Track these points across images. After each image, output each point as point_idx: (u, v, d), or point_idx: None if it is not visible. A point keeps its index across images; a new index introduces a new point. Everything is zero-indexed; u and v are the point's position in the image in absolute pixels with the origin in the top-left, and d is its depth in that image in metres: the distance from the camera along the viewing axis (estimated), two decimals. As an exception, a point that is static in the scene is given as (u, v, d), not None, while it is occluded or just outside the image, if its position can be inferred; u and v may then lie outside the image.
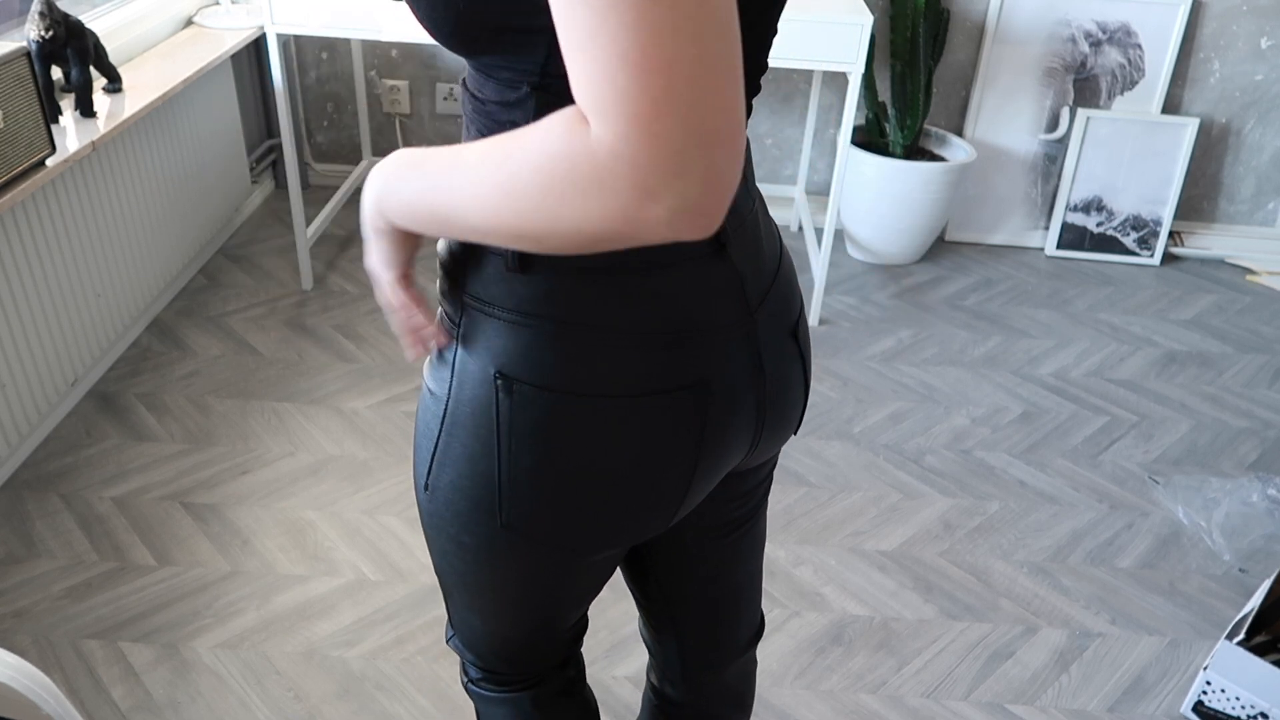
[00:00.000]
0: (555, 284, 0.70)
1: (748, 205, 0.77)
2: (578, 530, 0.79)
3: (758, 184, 3.26)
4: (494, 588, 0.86)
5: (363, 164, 3.18)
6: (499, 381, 0.73)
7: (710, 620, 1.06)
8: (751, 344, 0.78)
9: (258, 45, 3.09)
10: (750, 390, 0.79)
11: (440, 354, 0.77)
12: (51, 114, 1.99)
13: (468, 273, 0.73)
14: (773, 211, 3.31)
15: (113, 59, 2.31)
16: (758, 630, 1.13)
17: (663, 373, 0.74)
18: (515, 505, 0.77)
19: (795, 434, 0.94)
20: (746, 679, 1.16)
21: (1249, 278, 3.16)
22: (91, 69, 2.06)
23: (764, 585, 1.86)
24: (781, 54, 2.34)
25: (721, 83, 0.45)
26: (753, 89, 0.72)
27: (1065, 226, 3.18)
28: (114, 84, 2.18)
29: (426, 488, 0.81)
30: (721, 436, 0.79)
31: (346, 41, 3.12)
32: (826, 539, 1.98)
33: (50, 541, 1.86)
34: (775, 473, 2.15)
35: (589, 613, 1.03)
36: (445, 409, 0.77)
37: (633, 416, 0.74)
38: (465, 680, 1.04)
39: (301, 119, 3.27)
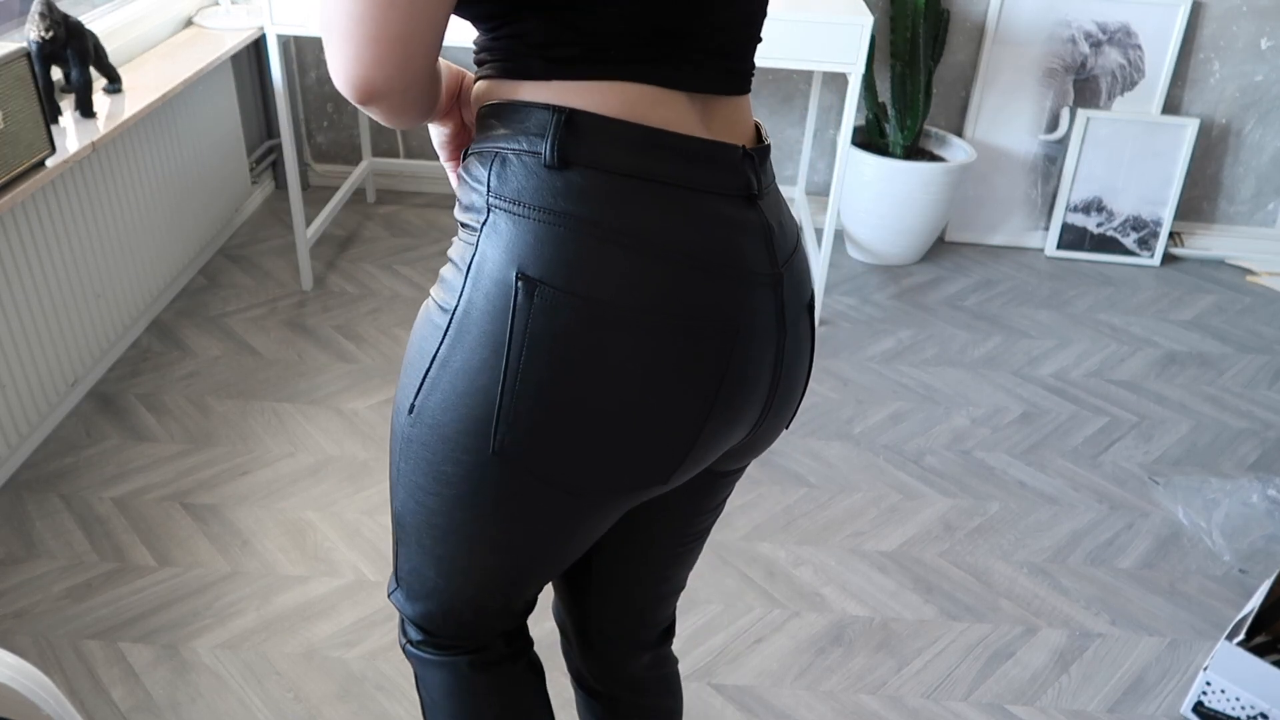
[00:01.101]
0: (593, 183, 0.70)
1: (771, 175, 0.80)
2: (575, 462, 0.75)
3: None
4: (464, 532, 0.81)
5: (362, 164, 3.19)
6: (520, 284, 0.70)
7: (635, 615, 1.06)
8: (778, 298, 0.78)
9: (258, 45, 3.09)
10: (771, 346, 0.78)
11: (454, 263, 0.75)
12: (51, 114, 1.99)
13: (494, 173, 0.72)
14: (773, 212, 3.32)
15: (113, 59, 2.31)
16: (669, 628, 1.13)
17: (694, 299, 0.72)
18: (514, 426, 0.73)
19: (788, 427, 0.92)
20: (664, 662, 1.15)
21: (1249, 278, 3.16)
22: (91, 69, 2.06)
23: (764, 585, 1.86)
24: (781, 54, 2.34)
25: (341, 13, 0.65)
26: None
27: (1065, 227, 3.18)
28: (114, 84, 2.18)
29: (411, 410, 0.77)
30: (740, 386, 0.77)
31: (346, 42, 3.12)
32: (826, 539, 1.98)
33: (50, 542, 1.86)
34: (775, 473, 2.15)
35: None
36: (451, 318, 0.73)
37: (657, 338, 0.72)
38: (404, 641, 0.99)
39: (301, 119, 3.27)
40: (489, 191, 0.72)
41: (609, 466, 0.76)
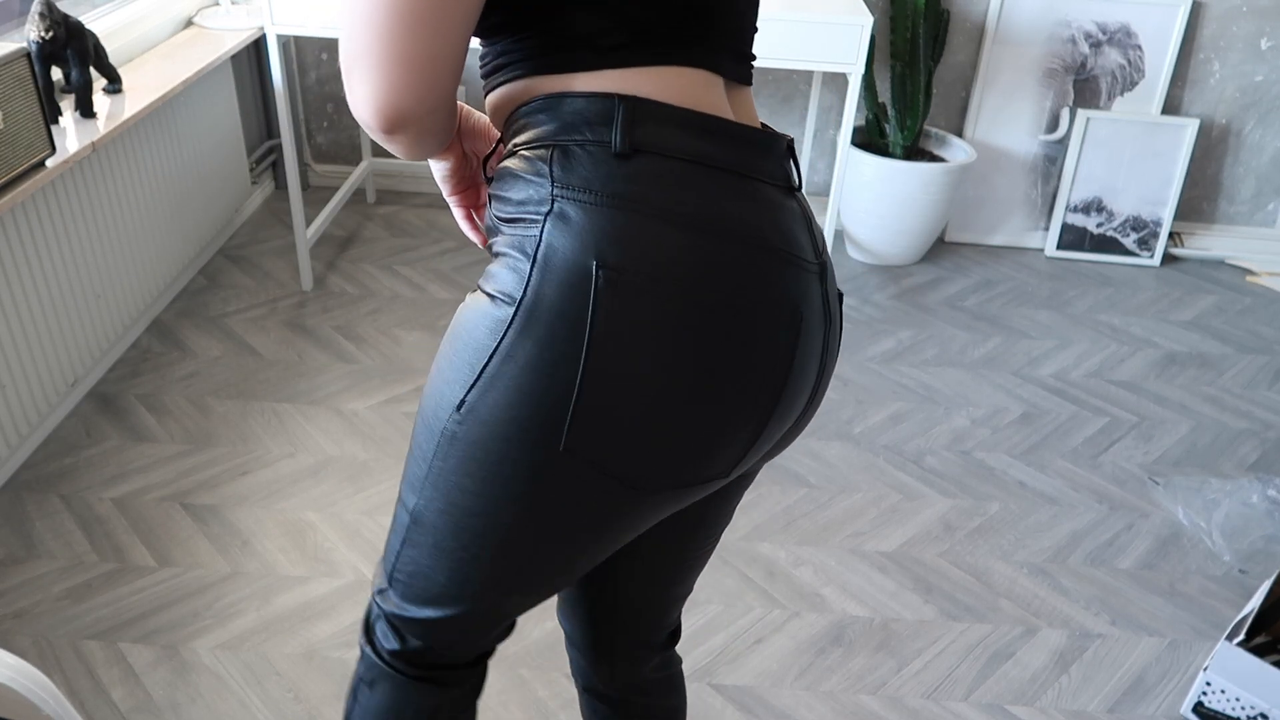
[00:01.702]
0: (662, 168, 0.70)
1: (796, 179, 0.81)
2: (650, 455, 0.73)
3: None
4: (503, 534, 0.78)
5: (362, 164, 3.18)
6: (600, 272, 0.68)
7: (646, 620, 1.06)
8: (824, 287, 0.79)
9: (258, 46, 3.09)
10: (820, 334, 0.79)
11: (512, 255, 0.72)
12: (51, 115, 1.99)
13: (556, 164, 0.71)
14: (773, 212, 3.32)
15: (113, 60, 2.31)
16: (676, 630, 1.12)
17: (767, 284, 0.72)
18: (591, 421, 0.70)
19: (809, 420, 0.91)
20: (670, 662, 1.14)
21: (1249, 279, 3.16)
22: (91, 70, 2.06)
23: (764, 585, 1.86)
24: (781, 54, 2.34)
25: (371, 39, 0.65)
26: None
27: (1065, 227, 3.18)
28: (114, 85, 2.18)
29: (461, 406, 0.73)
30: (801, 375, 0.77)
31: (346, 42, 3.12)
32: (826, 540, 1.98)
33: (50, 542, 1.86)
34: (775, 473, 2.15)
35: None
36: (516, 312, 0.70)
37: (742, 323, 0.71)
38: (366, 642, 0.92)
39: (301, 119, 3.27)
40: (553, 183, 0.70)
41: (682, 458, 0.74)
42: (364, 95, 0.67)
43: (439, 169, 0.88)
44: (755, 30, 0.80)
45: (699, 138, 0.72)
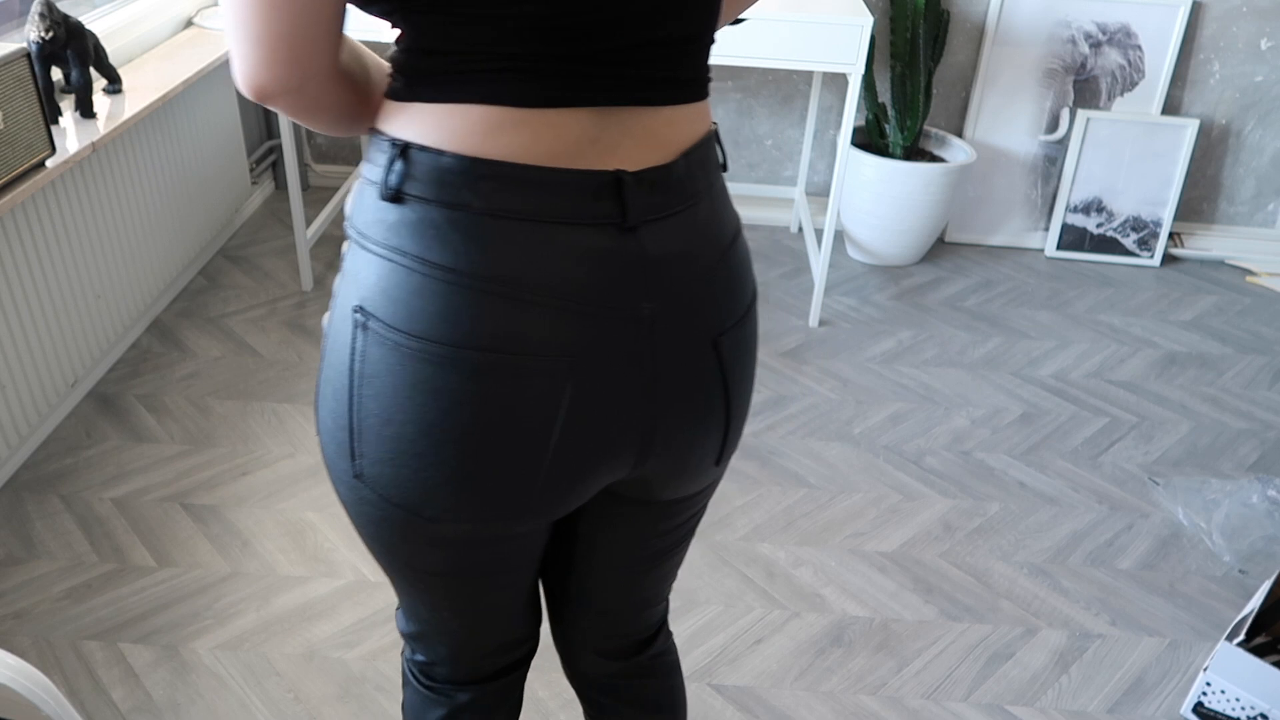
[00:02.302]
0: (425, 218, 0.69)
1: (683, 195, 0.74)
2: (423, 492, 0.75)
3: (755, 184, 3.26)
4: (373, 548, 0.84)
5: (362, 164, 3.18)
6: (357, 316, 0.71)
7: (598, 625, 1.04)
8: (647, 338, 0.73)
9: (258, 46, 3.09)
10: (634, 382, 0.74)
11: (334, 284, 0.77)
12: (51, 115, 1.99)
13: (356, 202, 0.74)
14: (773, 213, 3.31)
15: (113, 60, 2.31)
16: (646, 641, 1.08)
17: (526, 337, 0.70)
18: (364, 454, 0.74)
19: (718, 465, 0.86)
20: (642, 672, 1.10)
21: (1249, 279, 3.16)
22: (91, 70, 2.06)
23: (764, 586, 1.86)
24: (782, 55, 2.34)
25: (232, 17, 0.66)
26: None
27: (1065, 228, 3.18)
28: (114, 85, 2.18)
29: (317, 431, 0.80)
30: (587, 429, 0.74)
31: (346, 42, 3.12)
32: (826, 540, 1.98)
33: (50, 543, 1.86)
34: (775, 473, 2.14)
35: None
36: (325, 344, 0.76)
37: (484, 376, 0.70)
38: (402, 652, 1.03)
39: (301, 120, 3.27)
40: (350, 221, 0.74)
41: (457, 498, 0.75)
42: (233, 69, 0.69)
43: None
44: (685, 43, 0.72)
45: (471, 185, 0.68)
